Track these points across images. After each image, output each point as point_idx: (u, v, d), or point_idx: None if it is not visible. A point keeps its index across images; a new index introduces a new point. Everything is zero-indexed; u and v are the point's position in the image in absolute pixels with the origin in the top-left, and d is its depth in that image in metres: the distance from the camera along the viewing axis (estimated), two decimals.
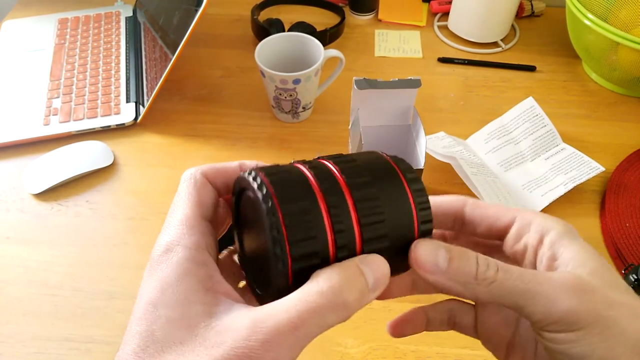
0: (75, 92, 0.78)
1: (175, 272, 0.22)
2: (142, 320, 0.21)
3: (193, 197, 0.25)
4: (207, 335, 0.20)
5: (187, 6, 0.70)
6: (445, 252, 0.23)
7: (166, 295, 0.21)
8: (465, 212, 0.28)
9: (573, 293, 0.22)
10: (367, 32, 0.90)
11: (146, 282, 0.22)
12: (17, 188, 0.67)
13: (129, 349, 0.21)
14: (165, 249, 0.23)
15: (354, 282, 0.21)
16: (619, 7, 0.75)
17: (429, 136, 0.68)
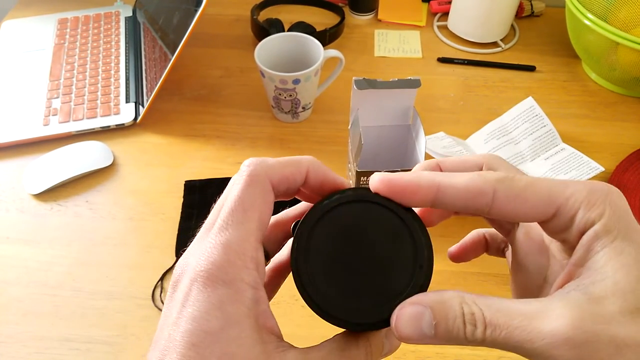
0: (74, 92, 0.78)
1: (239, 310, 0.21)
2: (196, 347, 0.20)
3: (258, 211, 0.22)
4: None
5: (187, 6, 0.70)
6: (429, 316, 0.21)
7: (226, 331, 0.20)
8: (492, 207, 0.22)
9: (567, 347, 0.19)
10: (366, 32, 0.90)
11: (200, 307, 0.20)
12: (17, 188, 0.67)
13: None
14: (224, 276, 0.21)
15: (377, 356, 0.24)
16: (618, 7, 0.75)
17: (428, 136, 0.68)
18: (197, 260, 0.21)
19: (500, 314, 0.20)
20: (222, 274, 0.21)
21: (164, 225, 0.63)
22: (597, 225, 0.21)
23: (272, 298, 0.28)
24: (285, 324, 0.53)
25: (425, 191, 0.22)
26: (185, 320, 0.20)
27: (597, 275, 0.20)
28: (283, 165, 0.23)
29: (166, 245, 0.61)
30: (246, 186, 0.22)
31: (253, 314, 0.21)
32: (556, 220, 0.22)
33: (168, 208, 0.64)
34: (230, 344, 0.20)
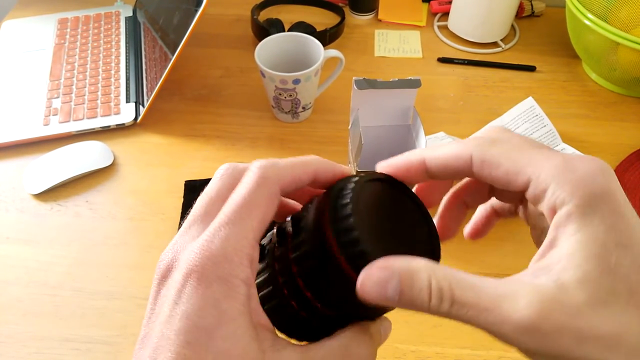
0: (75, 92, 0.78)
1: (234, 306, 0.20)
2: (191, 345, 0.20)
3: (262, 213, 0.22)
4: None
5: (187, 6, 0.70)
6: (396, 283, 0.20)
7: (224, 329, 0.20)
8: (473, 172, 0.23)
9: (533, 336, 0.19)
10: (367, 32, 0.90)
11: (195, 302, 0.20)
12: (17, 188, 0.67)
13: None
14: (219, 272, 0.21)
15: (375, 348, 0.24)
16: (619, 7, 0.75)
17: (428, 136, 0.68)
18: (191, 255, 0.21)
19: (470, 293, 0.20)
20: (217, 269, 0.20)
21: (164, 225, 0.63)
22: (569, 205, 0.20)
23: None
24: None
25: (416, 165, 0.24)
26: (179, 318, 0.20)
27: (567, 262, 0.20)
28: (292, 168, 0.23)
29: (166, 245, 0.61)
30: (256, 187, 0.22)
31: (247, 310, 0.21)
32: (530, 191, 0.22)
33: (168, 208, 0.64)
34: (226, 341, 0.20)
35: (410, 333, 0.53)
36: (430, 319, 0.54)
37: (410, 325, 0.53)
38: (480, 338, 0.52)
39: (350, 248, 0.21)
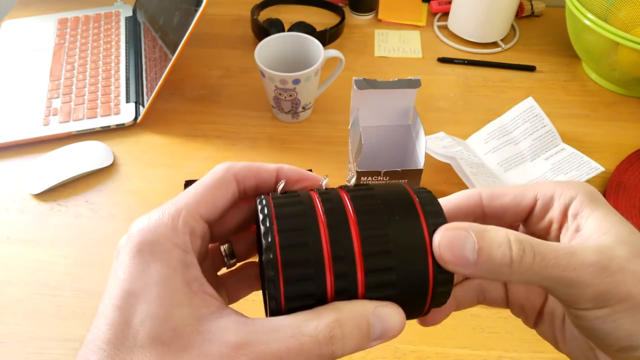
0: (75, 92, 0.78)
1: (162, 269, 0.21)
2: (120, 309, 0.20)
3: (205, 194, 0.24)
4: (193, 340, 0.20)
5: (187, 6, 0.70)
6: (474, 242, 0.21)
7: (151, 291, 0.20)
8: (483, 207, 0.27)
9: (604, 276, 0.22)
10: (366, 32, 0.90)
11: (126, 269, 0.21)
12: (17, 188, 0.67)
13: (104, 338, 0.20)
14: (151, 239, 0.22)
15: (354, 334, 0.21)
16: (619, 7, 0.75)
17: (428, 136, 0.68)
18: (131, 228, 0.22)
19: (545, 246, 0.22)
20: (150, 235, 0.21)
21: None
22: (578, 198, 0.25)
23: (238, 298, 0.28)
24: None
25: None
26: (113, 284, 0.21)
27: (598, 232, 0.23)
28: (251, 164, 0.26)
29: None
30: (208, 176, 0.25)
31: (181, 276, 0.21)
32: (538, 204, 0.26)
33: None
34: (152, 304, 0.20)
35: (410, 333, 0.53)
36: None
37: (410, 325, 0.53)
38: (480, 338, 0.52)
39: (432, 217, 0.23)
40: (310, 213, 0.22)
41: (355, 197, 0.23)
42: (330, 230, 0.22)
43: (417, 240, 0.22)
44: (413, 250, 0.22)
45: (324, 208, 0.23)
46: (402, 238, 0.22)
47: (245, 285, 0.29)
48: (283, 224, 0.22)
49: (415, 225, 0.23)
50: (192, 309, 0.21)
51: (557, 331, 0.28)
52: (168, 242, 0.22)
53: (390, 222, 0.22)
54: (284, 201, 0.23)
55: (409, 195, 0.24)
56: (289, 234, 0.22)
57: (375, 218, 0.22)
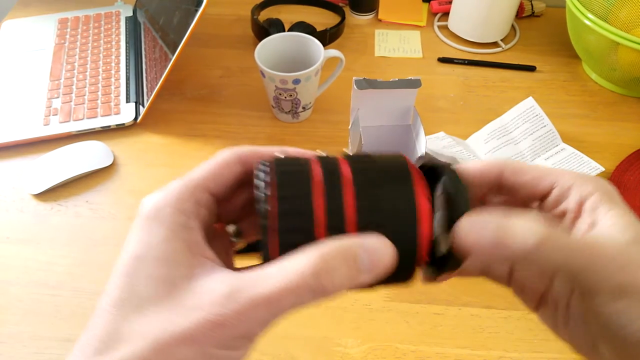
0: (75, 92, 0.78)
1: (164, 232, 0.22)
2: (125, 273, 0.22)
3: (211, 169, 0.25)
4: (186, 296, 0.21)
5: (187, 6, 0.70)
6: (496, 229, 0.22)
7: (152, 253, 0.22)
8: (503, 178, 0.27)
9: (625, 268, 0.22)
10: (367, 32, 0.90)
11: (134, 236, 0.23)
12: (17, 188, 0.67)
13: (109, 300, 0.21)
14: (157, 207, 0.23)
15: (341, 267, 0.21)
16: (619, 7, 0.75)
17: (429, 136, 0.68)
18: (143, 201, 0.24)
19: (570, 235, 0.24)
20: (155, 203, 0.23)
21: None
22: (596, 195, 0.25)
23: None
24: (286, 324, 0.53)
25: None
26: (123, 252, 0.23)
27: (614, 230, 0.24)
28: (255, 147, 0.27)
29: None
30: (213, 157, 0.26)
31: (181, 238, 0.22)
32: (555, 192, 0.26)
33: None
34: (153, 265, 0.22)
35: (410, 333, 0.53)
36: (430, 320, 0.54)
37: (410, 325, 0.54)
38: (480, 338, 0.52)
39: None
40: (306, 170, 0.23)
41: (353, 160, 0.25)
42: (327, 187, 0.23)
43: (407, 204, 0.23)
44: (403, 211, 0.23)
45: (321, 167, 0.24)
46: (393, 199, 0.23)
47: None
48: (281, 179, 0.23)
49: (407, 189, 0.24)
50: (188, 269, 0.22)
51: (560, 317, 0.28)
52: (171, 208, 0.23)
53: (384, 185, 0.23)
54: (283, 161, 0.24)
55: (405, 166, 0.25)
56: (285, 188, 0.23)
57: (370, 179, 0.24)
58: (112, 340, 0.20)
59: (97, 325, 0.21)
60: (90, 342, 0.21)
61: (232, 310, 0.20)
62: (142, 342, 0.20)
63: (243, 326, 0.20)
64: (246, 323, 0.20)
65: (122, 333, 0.20)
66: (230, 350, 0.21)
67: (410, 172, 0.24)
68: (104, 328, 0.21)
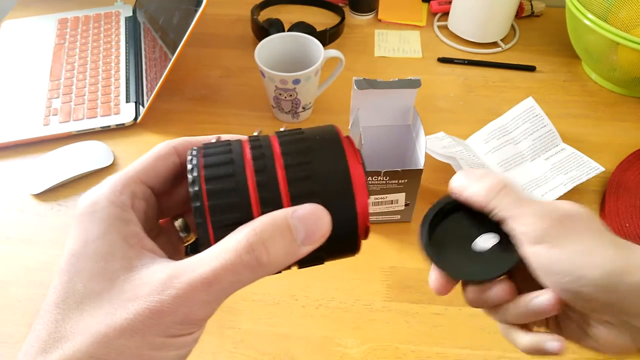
0: (75, 92, 0.78)
1: (100, 226, 0.22)
2: (64, 272, 0.22)
3: (145, 162, 0.25)
4: (124, 287, 0.21)
5: (187, 6, 0.70)
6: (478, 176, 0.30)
7: (89, 248, 0.22)
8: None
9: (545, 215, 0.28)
10: (367, 32, 0.90)
11: (72, 233, 0.23)
12: (17, 188, 0.67)
13: (50, 301, 0.21)
14: (92, 202, 0.23)
15: (275, 239, 0.21)
16: (619, 7, 0.75)
17: (428, 136, 0.68)
18: (80, 199, 0.24)
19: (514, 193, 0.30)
20: (90, 199, 0.23)
21: None
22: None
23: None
24: (285, 324, 0.54)
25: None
26: (63, 253, 0.22)
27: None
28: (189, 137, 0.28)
29: None
30: (149, 151, 0.26)
31: (118, 231, 0.22)
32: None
33: None
34: (90, 260, 0.22)
35: (410, 333, 0.53)
36: (431, 319, 0.54)
37: (410, 325, 0.53)
38: (480, 338, 0.52)
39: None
40: (236, 150, 0.23)
41: (282, 135, 0.24)
42: (255, 162, 0.23)
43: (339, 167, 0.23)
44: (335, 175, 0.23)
45: (250, 145, 0.24)
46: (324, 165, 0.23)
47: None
48: (208, 161, 0.23)
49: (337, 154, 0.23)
50: (126, 261, 0.22)
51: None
52: (105, 201, 0.23)
53: (313, 153, 0.23)
54: (211, 145, 0.25)
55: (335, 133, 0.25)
56: (213, 168, 0.23)
57: (299, 149, 0.23)
58: (53, 339, 0.20)
59: (40, 326, 0.21)
60: (33, 343, 0.21)
61: (169, 295, 0.20)
62: (82, 338, 0.20)
63: (182, 310, 0.20)
64: (185, 307, 0.20)
65: (63, 331, 0.20)
66: (175, 337, 0.21)
67: (340, 139, 0.24)
68: (45, 328, 0.21)
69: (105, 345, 0.20)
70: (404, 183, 0.56)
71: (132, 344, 0.20)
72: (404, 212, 0.60)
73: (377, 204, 0.58)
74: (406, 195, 0.57)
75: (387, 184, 0.56)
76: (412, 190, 0.57)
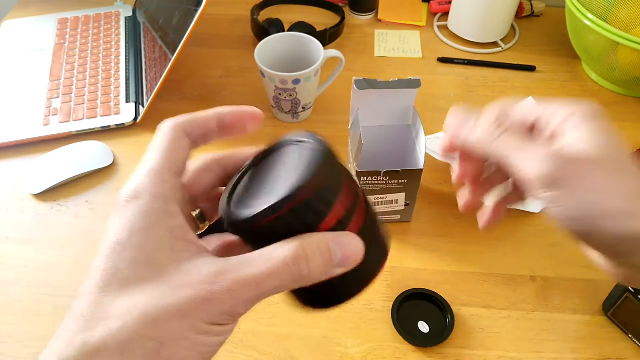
0: (75, 92, 0.78)
1: (145, 218, 0.23)
2: (108, 258, 0.22)
3: (167, 149, 0.26)
4: (173, 275, 0.22)
5: (187, 6, 0.70)
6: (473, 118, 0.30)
7: (135, 238, 0.22)
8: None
9: (548, 161, 0.27)
10: (367, 32, 0.90)
11: (115, 223, 0.23)
12: (17, 188, 0.67)
13: (92, 284, 0.22)
14: (134, 194, 0.23)
15: (318, 258, 0.23)
16: (618, 7, 0.75)
17: (428, 136, 0.68)
18: (120, 192, 0.24)
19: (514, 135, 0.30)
20: (132, 191, 0.24)
21: None
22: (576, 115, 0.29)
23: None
24: (285, 324, 0.54)
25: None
26: (103, 241, 0.23)
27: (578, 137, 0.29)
28: (192, 114, 0.28)
29: None
30: (158, 134, 0.26)
31: (164, 224, 0.23)
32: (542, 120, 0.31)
33: None
34: (138, 250, 0.22)
35: None
36: None
37: None
38: (480, 338, 0.52)
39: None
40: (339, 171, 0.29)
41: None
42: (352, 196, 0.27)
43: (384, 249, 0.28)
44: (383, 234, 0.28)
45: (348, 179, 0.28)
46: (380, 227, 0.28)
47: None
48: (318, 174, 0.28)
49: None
50: (174, 253, 0.22)
51: None
52: (149, 196, 0.23)
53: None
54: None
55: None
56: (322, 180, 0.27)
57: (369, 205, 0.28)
58: (98, 318, 0.21)
59: (82, 306, 0.21)
60: (74, 321, 0.21)
61: (220, 287, 0.21)
62: (131, 318, 0.20)
63: (229, 303, 0.22)
64: (233, 300, 0.22)
65: (108, 310, 0.21)
66: (217, 326, 0.22)
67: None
68: (88, 307, 0.21)
69: (155, 325, 0.20)
70: (404, 183, 0.56)
71: (181, 327, 0.21)
72: (404, 212, 0.60)
73: (377, 204, 0.58)
74: (406, 195, 0.57)
75: (387, 184, 0.56)
76: (412, 190, 0.57)
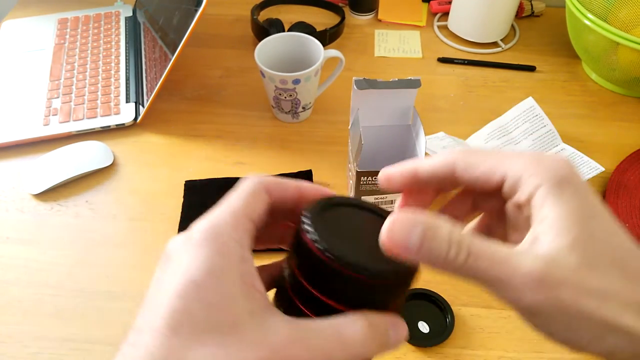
0: (75, 92, 0.78)
1: (223, 260, 0.22)
2: (181, 297, 0.21)
3: (248, 197, 0.25)
4: (249, 330, 0.21)
5: (187, 6, 0.70)
6: (421, 230, 0.22)
7: (211, 280, 0.21)
8: (456, 174, 0.26)
9: (538, 288, 0.22)
10: (367, 32, 0.90)
11: (189, 261, 0.22)
12: (17, 188, 0.67)
13: (161, 322, 0.21)
14: (215, 233, 0.23)
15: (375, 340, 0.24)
16: (619, 7, 0.75)
17: (428, 136, 0.68)
18: (195, 226, 0.24)
19: (486, 247, 0.22)
20: (212, 230, 0.23)
21: (164, 225, 0.63)
22: (542, 188, 0.23)
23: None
24: None
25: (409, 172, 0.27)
26: (173, 274, 0.22)
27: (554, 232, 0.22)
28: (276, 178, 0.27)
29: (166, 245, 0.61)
30: (243, 184, 0.26)
31: (238, 270, 0.22)
32: (507, 184, 0.25)
33: (168, 208, 0.64)
34: (214, 294, 0.21)
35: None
36: None
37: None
38: (480, 338, 0.52)
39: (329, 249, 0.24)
40: None
41: None
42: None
43: None
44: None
45: None
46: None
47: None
48: None
49: None
50: (248, 302, 0.22)
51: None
52: (227, 238, 0.23)
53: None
54: None
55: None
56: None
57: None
58: None
59: (149, 343, 0.21)
60: (142, 358, 0.21)
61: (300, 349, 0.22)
62: None
63: None
64: None
65: (184, 359, 0.20)
66: None
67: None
68: (159, 349, 0.20)
69: None
70: None
71: None
72: None
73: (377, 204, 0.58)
74: None
75: None
76: None
